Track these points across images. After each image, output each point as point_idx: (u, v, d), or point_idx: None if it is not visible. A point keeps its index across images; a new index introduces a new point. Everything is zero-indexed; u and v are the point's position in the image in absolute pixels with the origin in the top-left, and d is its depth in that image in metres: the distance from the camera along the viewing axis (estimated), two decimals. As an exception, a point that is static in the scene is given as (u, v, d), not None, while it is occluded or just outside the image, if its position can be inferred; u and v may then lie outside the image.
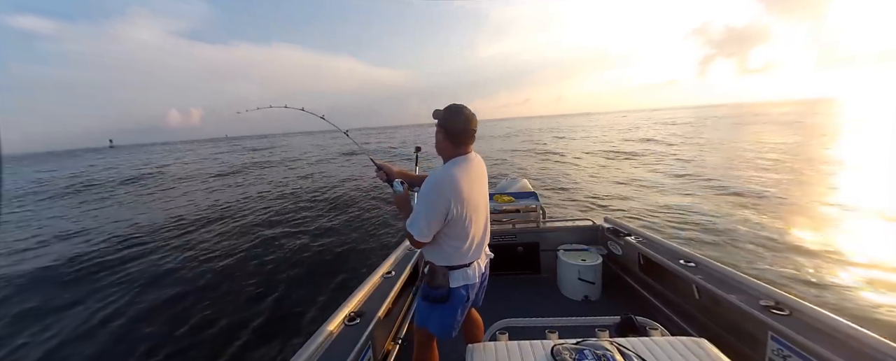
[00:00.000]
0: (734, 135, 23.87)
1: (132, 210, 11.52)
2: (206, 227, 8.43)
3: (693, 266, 2.23)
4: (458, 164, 1.48)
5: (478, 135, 1.53)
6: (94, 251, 7.16)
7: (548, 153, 20.14)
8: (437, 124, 1.51)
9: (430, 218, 1.41)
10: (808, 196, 7.93)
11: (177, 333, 4.10)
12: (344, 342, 1.60)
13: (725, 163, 12.82)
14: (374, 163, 1.78)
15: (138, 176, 21.65)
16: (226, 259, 6.25)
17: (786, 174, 10.16)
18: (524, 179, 4.29)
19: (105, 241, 7.83)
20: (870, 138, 18.88)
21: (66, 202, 14.24)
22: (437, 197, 1.40)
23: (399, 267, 2.45)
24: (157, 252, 6.84)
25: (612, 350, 1.25)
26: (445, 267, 1.54)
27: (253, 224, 8.49)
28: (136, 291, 5.19)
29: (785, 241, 5.38)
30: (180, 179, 18.93)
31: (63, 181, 21.93)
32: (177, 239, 7.66)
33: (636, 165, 13.97)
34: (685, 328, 2.25)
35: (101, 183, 19.34)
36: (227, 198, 12.06)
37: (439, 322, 1.59)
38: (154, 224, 9.14)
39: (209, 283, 5.34)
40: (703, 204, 7.84)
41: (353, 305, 1.88)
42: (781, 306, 1.66)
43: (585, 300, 2.95)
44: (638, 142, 22.78)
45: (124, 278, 5.69)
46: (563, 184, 11.13)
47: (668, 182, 10.40)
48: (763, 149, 15.52)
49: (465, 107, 1.49)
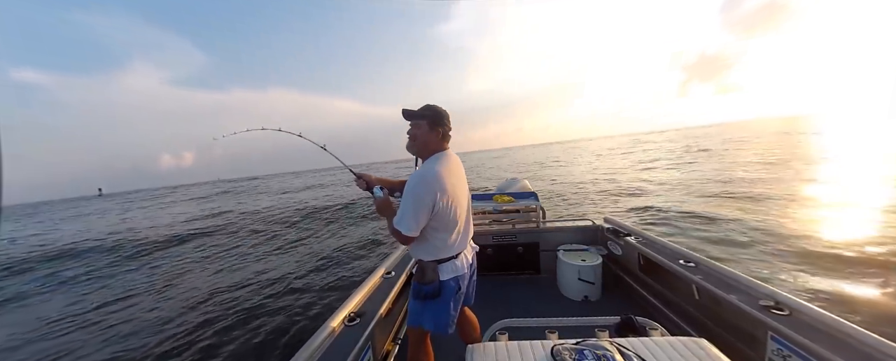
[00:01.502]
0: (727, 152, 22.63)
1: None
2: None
3: (693, 266, 2.23)
4: (439, 160, 1.56)
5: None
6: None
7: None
8: (420, 121, 1.58)
9: (419, 212, 1.46)
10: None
11: (175, 336, 4.10)
12: (344, 342, 1.60)
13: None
14: (353, 174, 1.83)
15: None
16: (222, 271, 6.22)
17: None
18: (524, 179, 4.29)
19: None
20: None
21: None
22: (424, 191, 1.45)
23: (399, 267, 2.45)
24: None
25: (612, 351, 1.25)
26: (434, 262, 1.58)
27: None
28: (156, 285, 5.15)
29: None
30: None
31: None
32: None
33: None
34: (685, 328, 2.25)
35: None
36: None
37: (433, 318, 1.60)
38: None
39: (209, 286, 5.34)
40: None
41: (353, 305, 1.89)
42: (781, 306, 1.66)
43: (585, 300, 2.94)
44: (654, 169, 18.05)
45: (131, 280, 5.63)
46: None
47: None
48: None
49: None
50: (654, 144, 45.90)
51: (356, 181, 1.79)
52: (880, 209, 6.80)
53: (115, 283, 6.77)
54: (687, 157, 22.24)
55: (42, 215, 35.28)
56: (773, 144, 26.04)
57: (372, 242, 7.80)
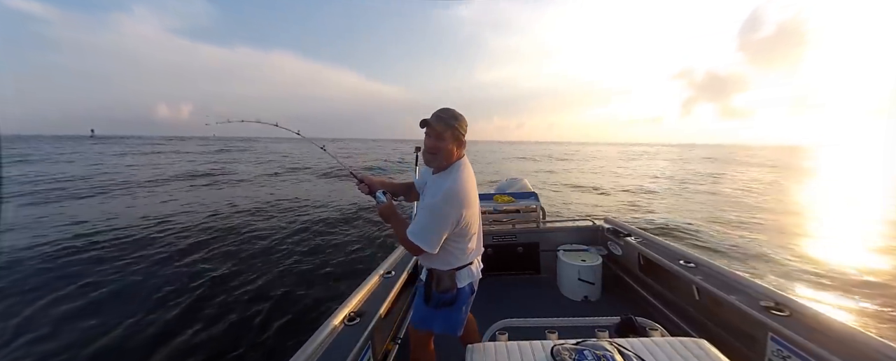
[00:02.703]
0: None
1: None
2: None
3: (693, 266, 2.23)
4: (460, 170, 1.50)
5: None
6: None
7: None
8: (444, 131, 1.43)
9: (443, 230, 1.42)
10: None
11: (173, 335, 4.09)
12: (344, 342, 1.59)
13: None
14: (355, 177, 1.76)
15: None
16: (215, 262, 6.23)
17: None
18: (524, 179, 4.29)
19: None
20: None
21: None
22: (452, 211, 1.41)
23: (399, 267, 2.45)
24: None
25: (611, 351, 1.25)
26: (452, 270, 1.56)
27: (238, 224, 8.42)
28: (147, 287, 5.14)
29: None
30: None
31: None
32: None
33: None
34: (685, 328, 2.25)
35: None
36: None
37: (445, 322, 1.61)
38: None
39: (207, 286, 5.34)
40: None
41: (353, 305, 1.88)
42: (781, 307, 1.66)
43: (585, 300, 2.94)
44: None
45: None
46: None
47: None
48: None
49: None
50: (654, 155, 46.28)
51: (357, 185, 1.74)
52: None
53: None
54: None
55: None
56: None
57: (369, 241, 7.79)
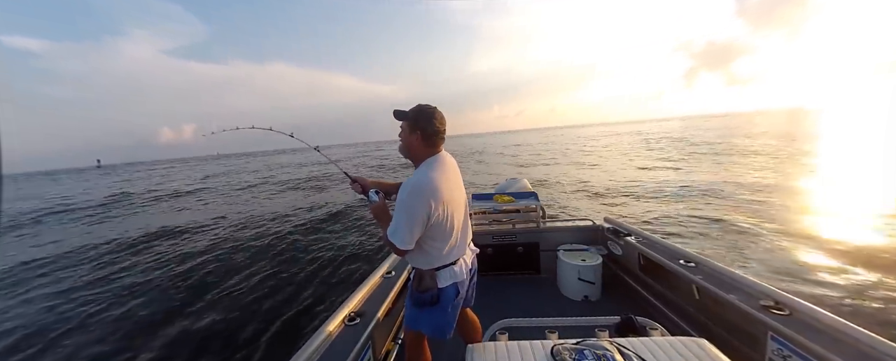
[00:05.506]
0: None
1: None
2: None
3: (693, 266, 2.23)
4: (432, 166, 1.47)
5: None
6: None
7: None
8: (406, 124, 1.48)
9: (412, 225, 1.38)
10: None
11: (173, 335, 4.10)
12: (344, 342, 1.60)
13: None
14: (348, 177, 1.79)
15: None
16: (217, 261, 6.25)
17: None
18: (524, 179, 4.29)
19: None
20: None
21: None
22: (417, 203, 1.37)
23: (399, 267, 2.45)
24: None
25: (611, 350, 1.25)
26: (432, 269, 1.53)
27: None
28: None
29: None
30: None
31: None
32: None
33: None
34: (685, 328, 2.25)
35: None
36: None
37: (430, 324, 1.57)
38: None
39: (207, 285, 5.35)
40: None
41: (353, 305, 1.88)
42: (781, 306, 1.66)
43: (585, 300, 2.94)
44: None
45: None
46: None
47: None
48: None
49: (436, 108, 1.49)
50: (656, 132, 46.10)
51: (351, 184, 1.75)
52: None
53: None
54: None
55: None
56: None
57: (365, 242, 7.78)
